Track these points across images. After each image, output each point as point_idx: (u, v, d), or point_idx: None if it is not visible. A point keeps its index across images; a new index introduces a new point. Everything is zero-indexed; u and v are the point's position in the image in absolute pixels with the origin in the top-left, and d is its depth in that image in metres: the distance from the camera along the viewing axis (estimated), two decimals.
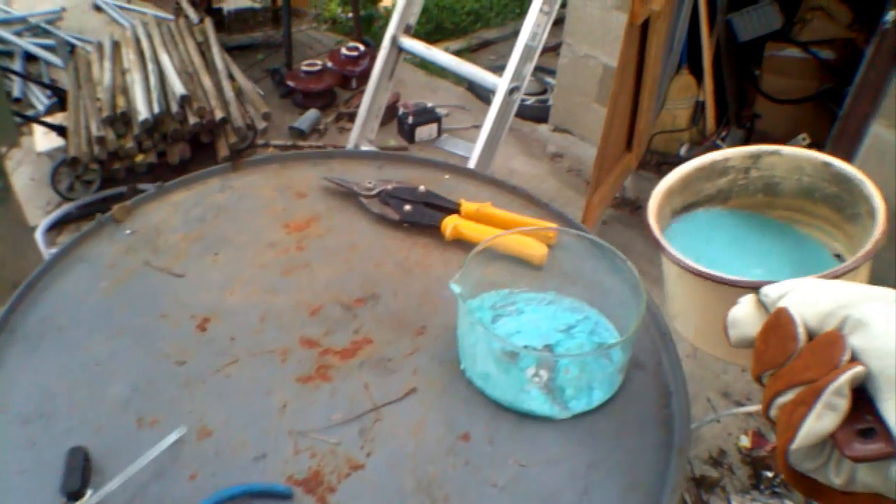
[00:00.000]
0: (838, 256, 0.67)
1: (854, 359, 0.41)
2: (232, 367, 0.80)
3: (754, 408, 1.93)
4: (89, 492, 0.66)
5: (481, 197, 1.07)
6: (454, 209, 1.02)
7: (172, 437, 0.71)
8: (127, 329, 0.84)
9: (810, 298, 0.46)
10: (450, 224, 0.99)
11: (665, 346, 0.85)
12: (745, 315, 0.50)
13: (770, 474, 1.75)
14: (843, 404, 0.41)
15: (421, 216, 1.01)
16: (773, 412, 0.45)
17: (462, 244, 0.99)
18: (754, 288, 0.51)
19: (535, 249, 0.92)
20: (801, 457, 0.43)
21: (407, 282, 0.93)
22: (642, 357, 0.84)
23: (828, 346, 0.42)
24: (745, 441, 1.85)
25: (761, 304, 0.50)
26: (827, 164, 0.64)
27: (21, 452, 0.70)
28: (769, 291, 0.49)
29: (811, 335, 0.45)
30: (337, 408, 0.76)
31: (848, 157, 2.02)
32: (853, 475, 0.42)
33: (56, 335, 0.83)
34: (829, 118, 2.48)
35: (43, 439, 0.72)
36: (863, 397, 0.41)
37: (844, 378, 0.40)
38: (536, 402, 0.75)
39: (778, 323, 0.46)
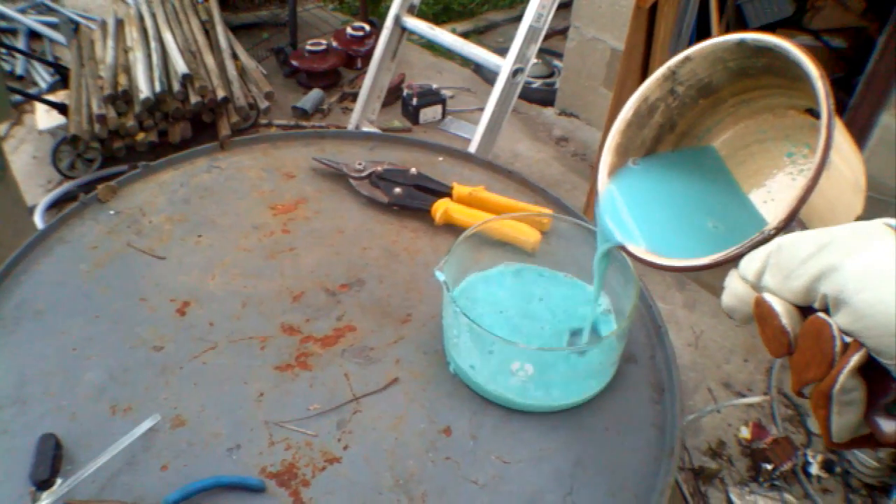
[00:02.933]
0: (810, 111, 0.63)
1: (850, 334, 0.39)
2: (210, 354, 0.77)
3: (755, 399, 1.91)
4: (59, 480, 0.65)
5: (475, 180, 1.04)
6: (446, 192, 0.99)
7: (145, 426, 0.69)
8: (105, 313, 0.82)
9: (785, 272, 0.42)
10: (440, 208, 0.96)
11: (659, 339, 0.82)
12: (736, 300, 0.47)
13: (769, 467, 1.72)
14: (857, 396, 0.39)
15: (411, 199, 0.98)
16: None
17: (453, 229, 0.96)
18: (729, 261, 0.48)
19: (527, 235, 0.89)
20: (849, 435, 0.41)
21: (394, 267, 0.90)
22: (635, 350, 0.81)
23: (817, 339, 0.40)
24: (746, 432, 1.82)
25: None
26: (741, 43, 0.58)
27: None
28: (746, 273, 0.46)
29: (805, 312, 0.42)
30: (315, 398, 0.74)
31: (857, 146, 1.98)
32: None
33: (33, 319, 0.80)
34: (839, 107, 2.44)
35: (16, 426, 0.70)
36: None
37: (843, 376, 0.38)
38: (521, 395, 0.72)
39: (762, 315, 0.44)
